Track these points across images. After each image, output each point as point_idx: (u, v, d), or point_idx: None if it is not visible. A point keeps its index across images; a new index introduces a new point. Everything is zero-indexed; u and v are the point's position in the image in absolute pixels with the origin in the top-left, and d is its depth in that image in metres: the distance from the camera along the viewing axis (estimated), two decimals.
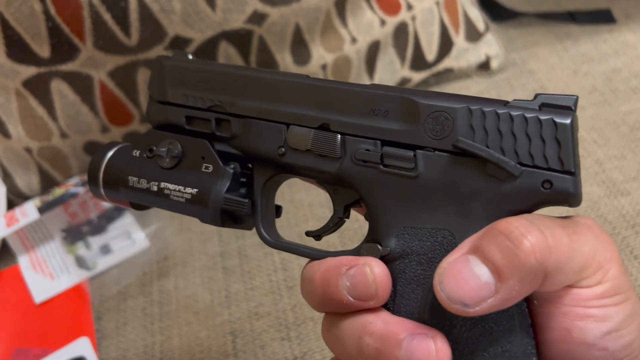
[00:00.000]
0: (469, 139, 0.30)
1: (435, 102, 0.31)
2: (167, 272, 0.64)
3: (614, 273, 0.28)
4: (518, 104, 0.29)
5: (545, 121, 0.28)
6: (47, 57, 0.60)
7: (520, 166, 0.29)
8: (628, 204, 0.61)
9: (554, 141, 0.28)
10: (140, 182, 0.38)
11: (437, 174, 0.30)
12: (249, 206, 0.35)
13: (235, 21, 0.63)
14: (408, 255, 0.31)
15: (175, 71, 0.38)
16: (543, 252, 0.26)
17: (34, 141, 0.66)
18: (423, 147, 0.31)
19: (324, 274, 0.30)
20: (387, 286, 0.30)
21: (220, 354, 0.56)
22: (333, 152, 0.33)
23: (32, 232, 0.66)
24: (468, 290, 0.26)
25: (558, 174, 0.28)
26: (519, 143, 0.29)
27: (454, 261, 0.27)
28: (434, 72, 0.79)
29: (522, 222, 0.26)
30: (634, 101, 0.73)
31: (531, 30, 0.87)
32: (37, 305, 0.61)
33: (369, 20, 0.72)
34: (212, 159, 0.36)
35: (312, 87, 0.34)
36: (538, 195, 0.28)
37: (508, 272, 0.26)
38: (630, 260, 0.56)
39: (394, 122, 0.32)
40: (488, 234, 0.27)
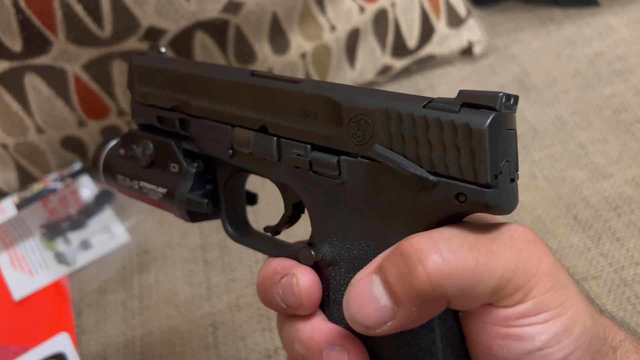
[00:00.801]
0: (388, 145, 0.27)
1: (357, 104, 0.28)
2: (147, 266, 0.63)
3: (539, 290, 0.25)
4: (438, 104, 0.26)
5: (460, 127, 0.25)
6: (19, 51, 0.59)
7: (435, 176, 0.26)
8: (610, 187, 0.61)
9: (469, 150, 0.25)
10: (125, 180, 0.40)
11: (360, 181, 0.28)
12: (208, 205, 0.36)
13: (210, 11, 0.62)
14: (338, 262, 0.30)
15: (142, 71, 0.39)
16: (440, 279, 0.24)
17: (10, 137, 0.65)
18: (347, 153, 0.29)
19: (263, 280, 0.32)
20: (313, 297, 0.30)
21: (201, 346, 0.55)
22: (271, 156, 0.32)
23: (11, 229, 0.65)
24: (368, 313, 0.26)
25: (473, 187, 0.25)
26: (434, 151, 0.26)
27: (360, 280, 0.26)
28: (416, 59, 0.78)
29: (424, 244, 0.25)
30: (617, 84, 0.73)
31: (514, 15, 0.86)
32: (16, 302, 0.61)
33: (347, 8, 0.71)
34: (177, 159, 0.37)
35: (252, 88, 0.33)
36: (454, 208, 0.26)
37: (404, 298, 0.25)
38: (612, 243, 0.56)
39: (322, 125, 0.30)
40: (391, 254, 0.26)
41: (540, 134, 0.69)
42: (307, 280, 0.30)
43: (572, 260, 0.55)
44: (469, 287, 0.25)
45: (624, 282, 0.53)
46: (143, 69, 0.38)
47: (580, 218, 0.59)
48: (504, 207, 0.26)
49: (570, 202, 0.60)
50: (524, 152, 0.67)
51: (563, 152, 0.66)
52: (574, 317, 0.26)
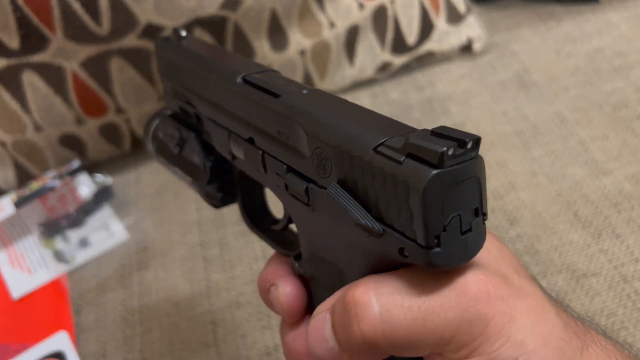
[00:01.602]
0: (344, 183, 0.26)
1: (318, 135, 0.26)
2: (146, 263, 0.63)
3: (487, 348, 0.24)
4: (385, 149, 0.24)
5: (399, 183, 0.23)
6: (16, 48, 0.59)
7: (383, 225, 0.24)
8: (610, 184, 0.61)
9: (407, 208, 0.23)
10: (165, 163, 0.41)
11: (325, 211, 0.27)
12: (223, 200, 0.38)
13: (208, 7, 0.62)
14: (317, 279, 0.31)
15: (164, 62, 0.39)
16: (374, 336, 0.25)
17: (8, 135, 0.65)
18: (315, 182, 0.28)
19: (259, 284, 0.34)
20: (293, 309, 0.32)
21: (201, 344, 0.55)
22: (258, 168, 0.32)
23: (9, 227, 0.65)
24: (319, 349, 0.27)
25: (413, 244, 0.23)
26: (381, 201, 0.24)
27: (317, 316, 0.28)
28: (415, 56, 0.78)
29: (365, 299, 0.25)
30: (617, 80, 0.73)
31: (514, 12, 0.86)
32: (15, 301, 0.60)
33: (346, 4, 0.71)
34: (197, 151, 0.37)
35: (242, 98, 0.31)
36: (399, 260, 0.25)
37: (345, 345, 0.26)
38: (612, 239, 0.56)
39: (293, 149, 0.28)
40: (340, 299, 0.27)
41: (541, 131, 0.68)
42: (287, 294, 0.32)
43: (572, 257, 0.55)
44: (403, 344, 0.25)
45: (624, 279, 0.53)
46: (165, 60, 0.39)
47: (580, 215, 0.59)
48: (450, 264, 0.24)
49: (571, 198, 0.60)
50: (524, 149, 0.66)
51: (563, 149, 0.66)
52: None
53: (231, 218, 0.66)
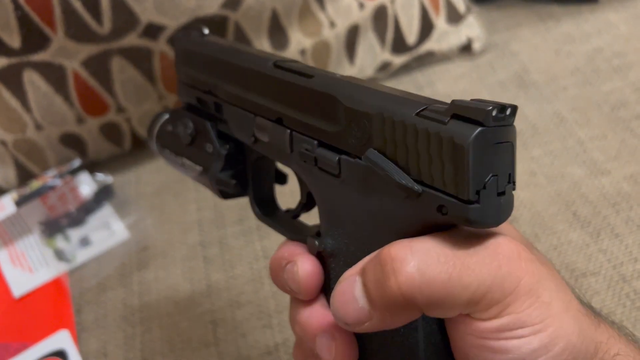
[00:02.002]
0: (382, 149, 0.27)
1: (357, 105, 0.28)
2: (147, 263, 0.63)
3: (517, 307, 0.25)
4: (430, 113, 0.26)
5: (445, 140, 0.25)
6: (17, 47, 0.59)
7: (421, 186, 0.26)
8: (609, 184, 0.61)
9: (452, 164, 0.24)
10: (172, 155, 0.42)
11: (356, 182, 0.29)
12: (236, 187, 0.38)
13: (209, 7, 0.62)
14: (338, 255, 0.31)
15: (185, 53, 0.40)
16: (411, 289, 0.25)
17: (9, 133, 0.65)
18: (348, 153, 0.29)
19: (272, 264, 0.34)
20: (311, 286, 0.32)
21: (201, 343, 0.56)
22: (284, 147, 0.33)
23: (10, 226, 0.65)
24: (347, 311, 0.27)
25: (454, 200, 0.25)
26: (421, 160, 0.26)
27: (345, 279, 0.28)
28: (415, 56, 0.78)
29: (400, 253, 0.26)
30: (616, 80, 0.73)
31: (513, 12, 0.86)
32: (16, 300, 0.60)
33: (347, 4, 0.71)
34: (212, 140, 0.38)
35: (272, 79, 0.33)
36: (437, 219, 0.26)
37: (378, 303, 0.26)
38: (611, 239, 0.56)
39: (328, 123, 0.30)
40: (373, 259, 0.27)
41: (539, 131, 0.69)
42: (306, 270, 0.32)
43: (571, 257, 0.55)
44: (439, 300, 0.25)
45: (623, 278, 0.53)
46: (185, 51, 0.40)
47: (579, 214, 0.59)
48: (486, 222, 0.25)
49: (569, 198, 0.61)
50: (523, 149, 0.67)
51: (562, 148, 0.66)
52: (556, 334, 0.26)
53: (231, 218, 0.66)
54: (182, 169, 0.42)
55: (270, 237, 0.63)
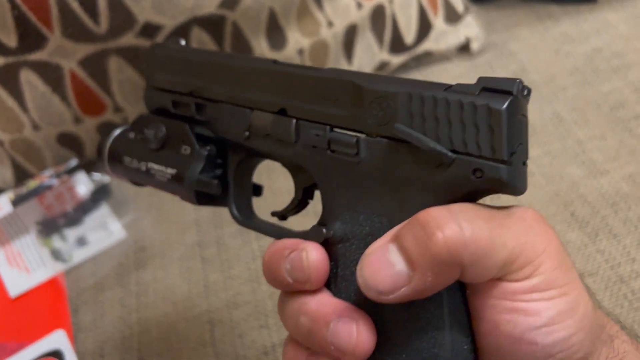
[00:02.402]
0: (408, 125, 0.29)
1: (379, 87, 0.30)
2: (144, 263, 0.63)
3: (547, 267, 0.27)
4: (459, 88, 0.28)
5: (480, 107, 0.27)
6: (14, 46, 0.59)
7: (453, 153, 0.27)
8: (607, 184, 0.61)
9: (488, 128, 0.27)
10: (133, 162, 0.41)
11: (377, 160, 0.30)
12: (218, 186, 0.37)
13: (207, 6, 0.62)
14: (349, 239, 0.31)
15: (162, 58, 0.40)
16: (457, 245, 0.25)
17: (6, 133, 0.65)
18: (367, 133, 0.31)
19: (271, 256, 0.32)
20: (321, 272, 0.30)
21: (198, 343, 0.55)
22: (288, 137, 0.33)
23: (7, 226, 0.65)
24: (382, 278, 0.26)
25: (490, 162, 0.27)
26: (454, 129, 0.27)
27: (376, 248, 0.27)
28: (413, 56, 0.78)
29: (441, 213, 0.26)
30: (615, 80, 0.73)
31: (512, 11, 0.86)
32: (12, 300, 0.60)
33: (345, 4, 0.71)
34: (190, 141, 0.38)
35: (275, 73, 0.34)
36: (470, 184, 0.27)
37: (420, 263, 0.26)
38: (609, 239, 0.56)
39: (343, 108, 0.31)
40: (409, 223, 0.27)
41: (538, 131, 0.69)
42: (316, 255, 0.30)
43: None
44: (482, 256, 0.26)
45: (621, 279, 0.53)
46: (165, 57, 0.40)
47: (577, 215, 0.59)
48: (517, 185, 0.27)
49: (568, 198, 0.60)
50: None
51: (561, 148, 0.66)
52: (578, 299, 0.27)
53: (229, 218, 0.65)
54: (145, 175, 0.41)
55: (268, 237, 0.63)
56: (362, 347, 0.28)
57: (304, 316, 0.30)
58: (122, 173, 0.43)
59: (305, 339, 0.30)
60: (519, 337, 0.26)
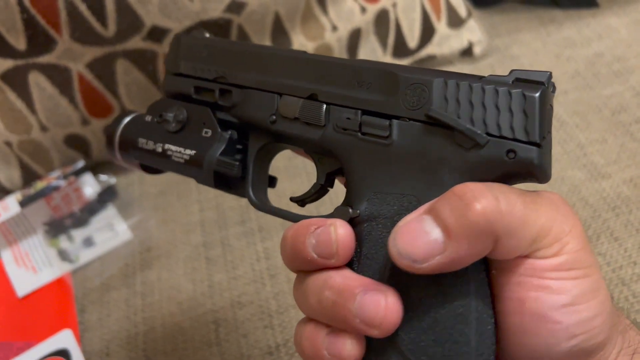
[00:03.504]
0: (442, 110, 0.30)
1: (413, 75, 0.32)
2: (150, 263, 0.64)
3: (572, 247, 0.27)
4: (492, 78, 0.30)
5: (515, 94, 0.29)
6: (23, 49, 0.60)
7: (487, 136, 0.29)
8: (609, 187, 0.61)
9: (522, 113, 0.28)
10: (148, 144, 0.42)
11: (409, 142, 0.31)
12: (238, 168, 0.38)
13: (213, 10, 0.63)
14: (375, 219, 0.32)
15: (188, 46, 0.42)
16: (494, 214, 0.26)
17: (14, 135, 0.66)
18: (399, 117, 0.32)
19: (295, 232, 0.32)
20: (349, 246, 0.30)
21: (204, 343, 0.56)
22: (318, 120, 0.35)
23: (14, 226, 0.66)
24: (417, 246, 0.27)
25: (523, 144, 0.28)
26: (488, 114, 0.29)
27: (410, 220, 0.28)
28: (416, 59, 0.79)
29: (478, 186, 0.27)
30: (616, 85, 0.73)
31: (514, 16, 0.87)
32: (19, 299, 0.61)
33: (349, 8, 0.71)
34: (212, 124, 0.39)
35: (306, 61, 0.36)
36: (502, 165, 0.29)
37: (457, 231, 0.26)
38: (610, 242, 0.57)
39: (375, 94, 0.33)
40: (444, 196, 0.27)
41: None
42: (345, 230, 0.30)
43: None
44: (516, 229, 0.26)
45: (622, 282, 0.53)
46: (191, 45, 0.42)
47: (579, 218, 0.59)
48: (546, 169, 0.29)
49: (569, 202, 0.61)
50: None
51: (562, 152, 0.66)
52: (599, 282, 0.28)
53: (234, 219, 0.66)
54: (159, 157, 0.41)
55: (273, 238, 0.64)
56: (390, 320, 0.28)
57: (329, 290, 0.30)
58: (135, 157, 0.43)
59: (328, 315, 0.30)
60: (543, 315, 0.27)
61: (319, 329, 0.30)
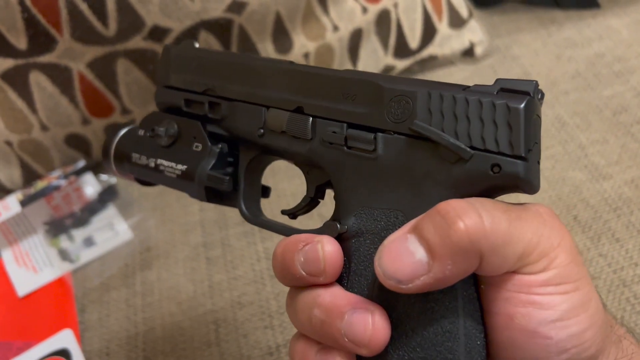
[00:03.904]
0: (427, 122, 0.30)
1: (398, 86, 0.31)
2: (149, 263, 0.63)
3: (561, 261, 0.27)
4: (477, 88, 0.29)
5: (499, 105, 0.28)
6: (24, 48, 0.60)
7: (471, 150, 0.28)
8: (610, 188, 0.61)
9: (506, 125, 0.28)
10: (141, 159, 0.42)
11: (394, 156, 0.31)
12: (229, 183, 0.38)
13: (214, 10, 0.62)
14: (363, 234, 0.31)
15: (178, 58, 0.41)
16: (477, 233, 0.25)
17: (14, 134, 0.65)
18: (384, 130, 0.31)
19: (284, 248, 0.32)
20: (336, 264, 0.30)
21: (203, 343, 0.56)
22: (304, 134, 0.34)
23: (15, 226, 0.66)
24: (402, 266, 0.26)
25: (508, 158, 0.28)
26: (472, 126, 0.29)
27: (394, 239, 0.27)
28: (418, 60, 0.79)
29: (461, 204, 0.26)
30: (617, 85, 0.73)
31: (515, 17, 0.87)
32: (20, 299, 0.61)
33: (350, 8, 0.71)
34: (202, 138, 0.39)
35: (292, 72, 0.35)
36: (487, 179, 0.28)
37: (441, 251, 0.26)
38: (612, 243, 0.56)
39: (360, 106, 0.32)
40: (428, 214, 0.27)
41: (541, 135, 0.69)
42: (332, 247, 0.30)
43: None
44: (501, 247, 0.26)
45: (623, 283, 0.53)
46: (180, 57, 0.41)
47: (580, 219, 0.59)
48: (533, 181, 0.28)
49: (570, 202, 0.61)
50: None
51: (563, 153, 0.66)
52: (590, 295, 0.27)
53: (234, 219, 0.66)
54: (153, 172, 0.41)
55: (273, 238, 0.63)
56: (378, 339, 0.28)
57: (318, 309, 0.30)
58: (129, 170, 0.43)
59: (317, 333, 0.30)
60: (533, 330, 0.26)
61: (310, 345, 0.31)
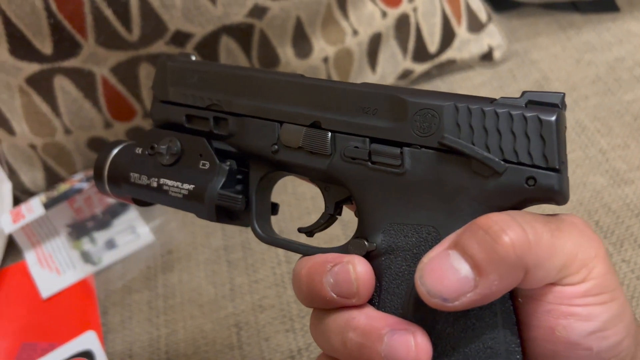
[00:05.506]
0: (455, 136, 0.29)
1: (423, 99, 0.31)
2: (171, 266, 0.64)
3: (599, 271, 0.27)
4: (505, 101, 0.29)
5: (530, 118, 0.28)
6: (49, 53, 0.61)
7: (505, 163, 0.28)
8: (632, 193, 0.61)
9: (539, 138, 0.28)
10: (141, 179, 0.39)
11: (423, 170, 0.30)
12: (242, 202, 0.36)
13: (235, 15, 0.63)
14: (394, 251, 0.30)
15: (176, 71, 0.39)
16: (522, 247, 0.25)
17: (38, 137, 0.66)
18: (410, 144, 0.31)
19: (309, 270, 0.31)
20: (369, 285, 0.30)
21: (225, 346, 0.56)
22: (323, 149, 0.33)
23: (38, 228, 0.66)
24: (447, 284, 0.26)
25: (542, 171, 0.28)
26: (503, 140, 0.28)
27: (435, 256, 0.27)
28: (437, 64, 0.79)
29: (503, 217, 0.26)
30: (638, 90, 0.73)
31: (534, 20, 0.87)
32: (43, 300, 0.62)
33: (370, 12, 0.71)
34: (210, 156, 0.37)
35: (306, 86, 0.34)
36: (522, 192, 0.28)
37: (487, 267, 0.25)
38: (634, 249, 0.56)
39: (383, 120, 0.32)
40: (468, 229, 0.27)
41: None
42: (364, 267, 0.30)
43: None
44: (545, 259, 0.26)
45: None
46: (180, 70, 0.39)
47: (601, 224, 0.59)
48: (565, 193, 0.28)
49: (592, 207, 0.61)
50: None
51: (584, 157, 0.66)
52: (625, 305, 0.28)
53: None
54: (155, 192, 0.38)
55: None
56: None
57: (353, 332, 0.29)
58: (127, 192, 0.40)
59: (354, 356, 0.29)
60: (575, 342, 0.26)
61: None
